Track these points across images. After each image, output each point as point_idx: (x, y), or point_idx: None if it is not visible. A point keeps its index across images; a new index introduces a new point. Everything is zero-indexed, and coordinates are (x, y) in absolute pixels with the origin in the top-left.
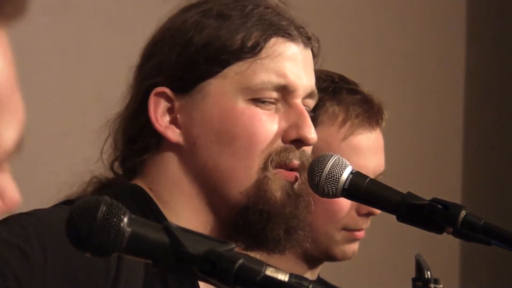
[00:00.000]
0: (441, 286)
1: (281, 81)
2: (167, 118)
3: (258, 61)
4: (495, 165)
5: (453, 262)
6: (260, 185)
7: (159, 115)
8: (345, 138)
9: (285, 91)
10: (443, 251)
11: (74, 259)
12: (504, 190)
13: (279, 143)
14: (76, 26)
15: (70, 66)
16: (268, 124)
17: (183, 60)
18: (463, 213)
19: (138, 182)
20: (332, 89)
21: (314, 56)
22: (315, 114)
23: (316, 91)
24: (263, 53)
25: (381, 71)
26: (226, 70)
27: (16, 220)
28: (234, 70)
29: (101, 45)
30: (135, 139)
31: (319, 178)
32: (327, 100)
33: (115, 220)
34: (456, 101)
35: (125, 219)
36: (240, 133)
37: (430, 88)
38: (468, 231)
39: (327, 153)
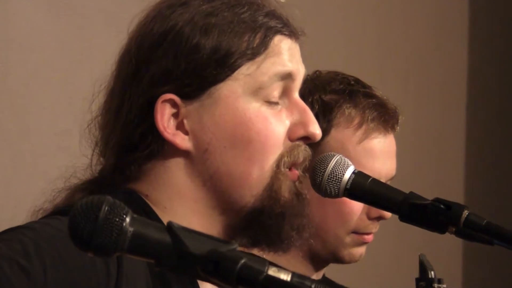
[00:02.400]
0: (444, 286)
1: (285, 69)
2: (172, 124)
3: (265, 60)
4: (498, 165)
5: (456, 262)
6: (272, 187)
7: (166, 122)
8: (360, 141)
9: (287, 81)
10: (445, 251)
11: (74, 270)
12: (507, 190)
13: (287, 142)
14: (78, 26)
15: (72, 65)
16: (278, 125)
17: (192, 66)
18: (465, 213)
19: (132, 188)
20: (348, 91)
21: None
22: (332, 115)
23: None
24: (269, 52)
25: (383, 70)
26: (235, 73)
27: (14, 235)
28: (243, 72)
29: (103, 45)
30: (135, 146)
31: (321, 178)
32: (343, 102)
33: (117, 219)
34: (458, 101)
35: (128, 219)
36: (255, 137)
37: (433, 87)
38: (471, 231)
39: (330, 153)
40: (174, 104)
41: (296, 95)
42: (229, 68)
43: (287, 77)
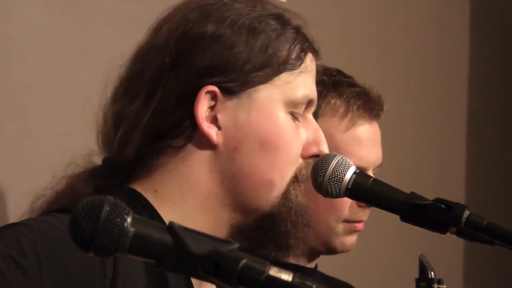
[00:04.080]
0: (444, 286)
1: (312, 96)
2: (208, 116)
3: (301, 75)
4: (499, 165)
5: (457, 262)
6: (287, 196)
7: (204, 113)
8: (346, 129)
9: (308, 106)
10: (446, 251)
11: (69, 268)
12: (508, 190)
13: (301, 157)
14: (78, 26)
15: (73, 65)
16: (299, 139)
17: (239, 63)
18: (466, 213)
19: (138, 185)
20: (332, 82)
21: None
22: (317, 106)
23: None
24: (303, 68)
25: (384, 70)
26: (276, 79)
27: (10, 232)
28: (283, 80)
29: (103, 45)
30: (164, 134)
31: (322, 178)
32: (328, 93)
33: (118, 220)
34: (459, 101)
35: (129, 219)
36: (283, 146)
37: (433, 87)
38: (472, 231)
39: (331, 153)
40: (213, 97)
41: (310, 115)
42: (272, 72)
43: (310, 103)
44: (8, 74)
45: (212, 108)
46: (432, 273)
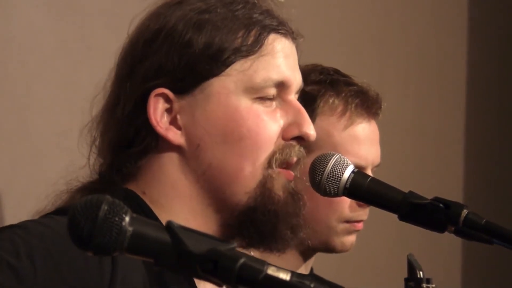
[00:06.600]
0: (433, 285)
1: (280, 77)
2: (165, 119)
3: (259, 58)
4: (497, 164)
5: (455, 261)
6: (265, 184)
7: (159, 117)
8: (345, 128)
9: (282, 87)
10: (445, 250)
11: (65, 269)
12: (506, 189)
13: (280, 141)
14: (78, 26)
15: (73, 65)
16: (271, 123)
17: (184, 60)
18: (464, 212)
19: (130, 187)
20: (330, 81)
21: (297, 50)
22: (315, 104)
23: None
24: (263, 50)
25: (383, 70)
26: (228, 69)
27: (5, 234)
28: (236, 68)
29: (103, 45)
30: (130, 142)
31: (320, 177)
32: (326, 92)
33: (116, 219)
34: (457, 100)
35: (127, 218)
36: (246, 134)
37: (432, 87)
38: (470, 230)
39: (329, 152)
40: (167, 99)
41: (291, 96)
42: (222, 63)
43: (281, 84)
44: (8, 74)
45: (170, 110)
46: (421, 272)
